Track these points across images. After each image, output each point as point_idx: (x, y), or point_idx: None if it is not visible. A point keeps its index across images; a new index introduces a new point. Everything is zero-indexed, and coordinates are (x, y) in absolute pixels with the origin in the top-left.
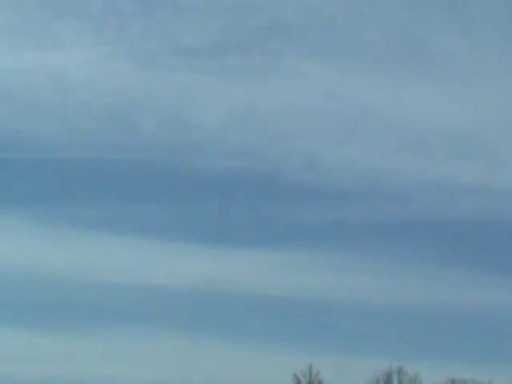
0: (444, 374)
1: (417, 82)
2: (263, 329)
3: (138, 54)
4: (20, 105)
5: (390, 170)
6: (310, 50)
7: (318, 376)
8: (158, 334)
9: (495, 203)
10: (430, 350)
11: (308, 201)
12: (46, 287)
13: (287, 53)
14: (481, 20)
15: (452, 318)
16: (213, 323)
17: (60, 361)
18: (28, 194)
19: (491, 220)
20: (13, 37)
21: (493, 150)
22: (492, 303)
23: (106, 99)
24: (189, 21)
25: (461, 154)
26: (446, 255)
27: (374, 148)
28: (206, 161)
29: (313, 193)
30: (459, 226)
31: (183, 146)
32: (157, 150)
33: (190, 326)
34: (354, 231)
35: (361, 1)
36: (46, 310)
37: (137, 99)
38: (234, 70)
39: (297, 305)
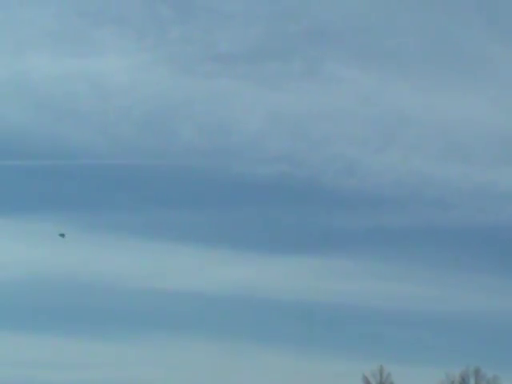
0: None
1: (456, 87)
2: (306, 335)
3: (178, 60)
4: (61, 111)
5: (430, 176)
6: (349, 55)
7: (390, 378)
8: (200, 341)
9: None
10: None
11: (348, 207)
12: (84, 293)
13: (326, 59)
14: None
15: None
16: (255, 329)
17: (103, 366)
18: (69, 200)
19: None
20: (54, 43)
21: None
22: None
23: (146, 105)
24: (227, 27)
25: (502, 159)
26: (488, 261)
27: (413, 154)
28: (246, 167)
29: (353, 199)
30: (501, 232)
31: (223, 152)
32: (196, 156)
33: (232, 332)
34: (395, 237)
35: (399, 7)
36: (83, 316)
37: (176, 105)
38: (272, 76)
39: (338, 311)
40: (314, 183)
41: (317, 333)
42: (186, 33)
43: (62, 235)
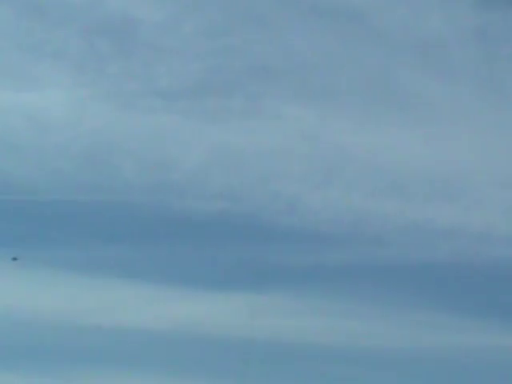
0: None
1: (395, 124)
2: (246, 372)
3: (117, 95)
4: None
5: (369, 213)
6: (290, 92)
7: None
8: (143, 378)
9: (472, 246)
10: None
11: (288, 243)
12: (26, 331)
13: (267, 95)
14: (456, 64)
15: (433, 362)
16: (196, 366)
17: None
18: (8, 236)
19: (468, 263)
20: None
21: (469, 192)
22: (472, 346)
23: (85, 141)
24: (168, 62)
25: (438, 196)
26: (425, 298)
27: (352, 190)
28: (187, 203)
29: (293, 235)
30: (437, 269)
31: (163, 188)
32: (137, 192)
33: (174, 369)
34: (334, 274)
35: (340, 45)
36: (29, 354)
37: (116, 141)
38: (214, 112)
39: (277, 348)
40: (255, 220)
41: (258, 370)
42: (125, 68)
43: (15, 259)
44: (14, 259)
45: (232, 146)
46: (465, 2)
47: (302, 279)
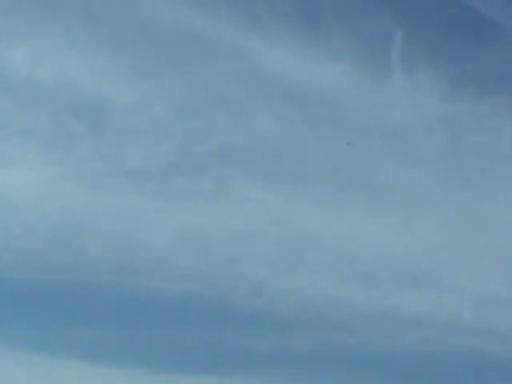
0: None
1: (362, 211)
2: None
3: (86, 174)
4: None
5: (336, 299)
6: (257, 176)
7: None
8: None
9: (440, 334)
10: None
11: (255, 328)
12: None
13: (235, 178)
14: (424, 152)
15: None
16: None
17: None
18: None
19: (436, 351)
20: None
21: (437, 280)
22: None
23: (53, 220)
24: (138, 143)
25: (405, 284)
26: None
27: (319, 276)
28: (153, 284)
29: (260, 320)
30: (405, 357)
31: (130, 268)
32: (103, 272)
33: None
34: (300, 359)
35: (309, 130)
36: None
37: (83, 220)
38: (182, 194)
39: None
40: (222, 303)
41: None
42: (95, 148)
43: None
44: None
45: (200, 227)
46: (433, 92)
47: (269, 364)
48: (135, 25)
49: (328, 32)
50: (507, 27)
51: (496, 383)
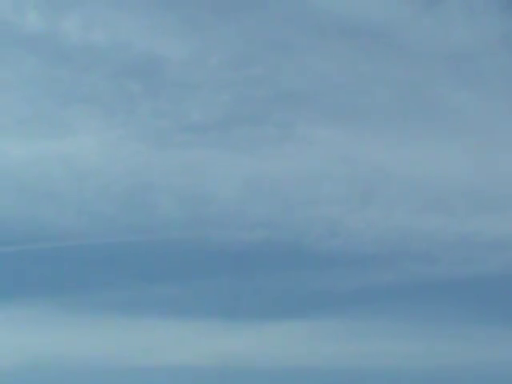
0: None
1: (431, 139)
2: None
3: (149, 133)
4: (38, 194)
5: (412, 230)
6: (321, 116)
7: None
8: None
9: None
10: None
11: (332, 267)
12: (72, 376)
13: (298, 120)
14: (486, 73)
15: (489, 377)
16: None
17: None
18: (51, 284)
19: None
20: (24, 127)
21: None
22: None
23: (122, 182)
24: (196, 96)
25: (483, 208)
26: (477, 312)
27: (394, 209)
28: (226, 235)
29: (337, 259)
30: (488, 282)
31: (202, 222)
32: (176, 228)
33: None
34: (382, 295)
35: (366, 64)
36: None
37: (151, 179)
38: (246, 142)
39: (328, 375)
40: (297, 246)
41: None
42: (155, 106)
43: None
44: None
45: (267, 173)
46: (490, 10)
47: (350, 303)
48: None
49: None
50: None
51: None
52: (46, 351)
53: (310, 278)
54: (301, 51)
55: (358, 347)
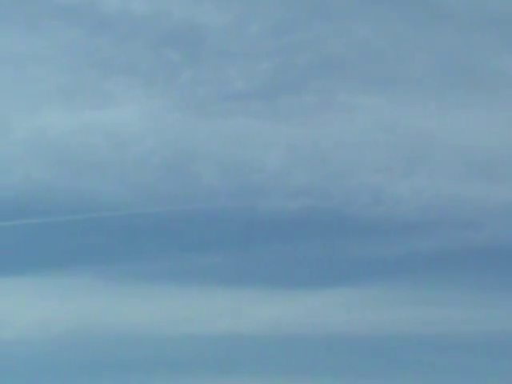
0: None
1: (475, 105)
2: (348, 368)
3: (190, 102)
4: (80, 164)
5: (458, 197)
6: (363, 83)
7: None
8: (240, 382)
9: None
10: None
11: (377, 235)
12: (119, 345)
13: (340, 88)
14: None
15: None
16: (296, 367)
17: None
18: (95, 254)
19: None
20: (65, 98)
21: None
22: None
23: (163, 151)
24: (237, 65)
25: None
26: None
27: (438, 176)
28: (270, 203)
29: (381, 227)
30: None
31: (245, 190)
32: (219, 197)
33: (274, 371)
34: (427, 262)
35: (408, 30)
36: (121, 369)
37: (193, 148)
38: (287, 110)
39: (374, 341)
40: (340, 214)
41: (358, 365)
42: (195, 75)
43: None
44: None
45: (310, 141)
46: None
47: (395, 270)
48: None
49: None
50: None
51: None
52: (91, 320)
53: (355, 245)
54: (341, 17)
55: (404, 314)
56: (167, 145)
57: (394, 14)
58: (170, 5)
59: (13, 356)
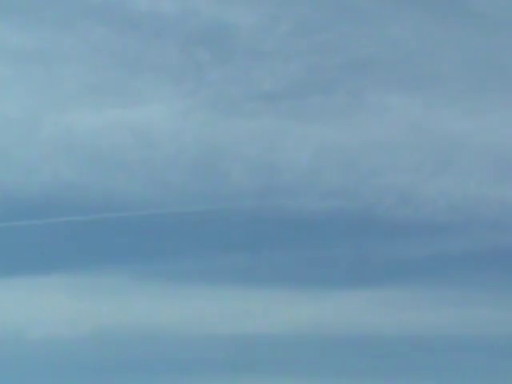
0: None
1: (504, 107)
2: (377, 369)
3: (219, 102)
4: (109, 163)
5: (486, 199)
6: (393, 83)
7: None
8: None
9: None
10: None
11: (405, 236)
12: (150, 344)
13: (370, 88)
14: None
15: None
16: (326, 367)
17: None
18: (126, 253)
19: None
20: (94, 96)
21: None
22: None
23: (192, 151)
24: (267, 64)
25: None
26: None
27: (466, 177)
28: (298, 204)
29: (409, 227)
30: None
31: (273, 190)
32: (248, 197)
33: (299, 372)
34: (454, 263)
35: (440, 31)
36: (147, 368)
37: (222, 148)
38: (317, 110)
39: (402, 342)
40: (369, 215)
41: (388, 366)
42: (224, 74)
43: None
44: None
45: (339, 142)
46: None
47: (422, 271)
48: None
49: None
50: None
51: None
52: (117, 319)
53: (382, 246)
54: (372, 17)
55: (431, 315)
56: (195, 144)
57: (425, 15)
58: (199, 4)
59: (41, 355)
